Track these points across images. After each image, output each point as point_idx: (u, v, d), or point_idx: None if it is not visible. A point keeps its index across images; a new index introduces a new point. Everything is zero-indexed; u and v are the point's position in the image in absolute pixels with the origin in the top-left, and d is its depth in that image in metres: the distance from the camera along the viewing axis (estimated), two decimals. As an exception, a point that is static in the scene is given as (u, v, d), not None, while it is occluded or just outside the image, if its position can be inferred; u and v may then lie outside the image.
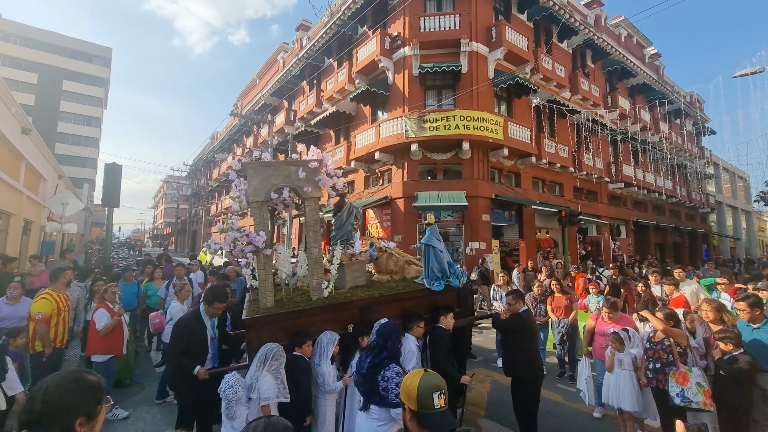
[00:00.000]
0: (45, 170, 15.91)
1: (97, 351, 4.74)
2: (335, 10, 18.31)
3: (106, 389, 1.41)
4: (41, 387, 1.28)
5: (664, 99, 22.81)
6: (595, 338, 4.92)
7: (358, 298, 4.01)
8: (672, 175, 24.08)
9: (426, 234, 4.48)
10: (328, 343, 3.63)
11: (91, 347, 4.79)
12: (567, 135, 17.28)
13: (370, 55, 15.01)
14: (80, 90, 44.55)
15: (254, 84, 31.34)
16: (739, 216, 37.43)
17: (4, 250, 10.48)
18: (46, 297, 4.86)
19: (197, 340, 3.91)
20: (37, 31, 43.27)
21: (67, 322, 5.06)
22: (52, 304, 4.82)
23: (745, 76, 10.04)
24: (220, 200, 36.58)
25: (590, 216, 17.31)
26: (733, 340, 3.52)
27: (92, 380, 1.35)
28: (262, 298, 3.84)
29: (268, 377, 3.16)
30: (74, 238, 25.88)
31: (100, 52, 47.17)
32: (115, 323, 4.78)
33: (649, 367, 4.01)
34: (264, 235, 3.82)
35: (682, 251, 26.74)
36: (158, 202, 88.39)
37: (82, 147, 43.16)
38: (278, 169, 3.96)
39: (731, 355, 3.50)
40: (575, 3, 19.55)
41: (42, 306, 4.76)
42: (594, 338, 4.95)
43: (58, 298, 4.94)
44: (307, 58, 19.55)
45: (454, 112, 13.28)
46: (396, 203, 14.13)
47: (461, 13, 13.96)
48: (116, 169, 8.58)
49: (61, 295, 5.03)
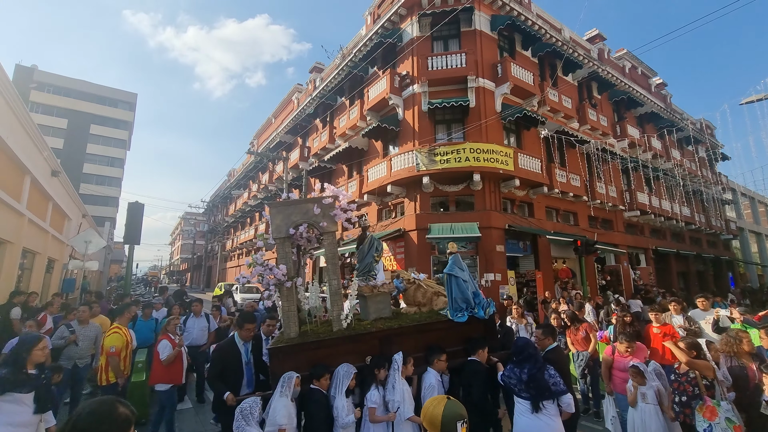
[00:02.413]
0: (70, 210, 16.57)
1: (159, 380, 5.02)
2: (347, 53, 19.29)
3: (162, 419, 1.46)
4: (76, 412, 1.34)
5: (673, 126, 22.86)
6: (614, 373, 4.71)
7: (377, 329, 4.00)
8: (688, 202, 23.67)
9: (449, 263, 4.36)
10: (344, 376, 3.62)
11: (154, 376, 5.10)
12: (578, 164, 17.34)
13: (380, 93, 15.61)
14: (106, 133, 46.99)
15: (270, 123, 32.62)
16: (764, 242, 36.16)
17: (27, 288, 10.77)
18: (117, 331, 5.21)
19: (232, 365, 4.15)
20: (69, 80, 46.39)
21: (131, 355, 5.42)
22: (123, 338, 5.20)
23: (752, 102, 10.09)
24: (236, 235, 37.14)
25: (607, 245, 17.00)
26: None
27: (123, 412, 1.39)
28: (286, 329, 4.02)
29: (280, 403, 3.27)
30: (93, 276, 26.38)
31: (126, 97, 50.06)
32: (176, 354, 5.06)
33: (675, 400, 3.83)
34: (284, 269, 4.02)
35: (707, 279, 25.74)
36: (175, 239, 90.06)
37: (105, 186, 44.95)
38: (297, 207, 4.25)
39: None
40: (578, 38, 20.21)
41: (115, 340, 5.11)
42: (613, 373, 4.75)
43: (125, 333, 5.32)
44: (320, 97, 20.41)
45: (464, 144, 13.55)
46: (409, 235, 14.17)
47: (467, 52, 14.56)
48: (138, 208, 8.92)
49: (127, 330, 5.44)
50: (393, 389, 3.60)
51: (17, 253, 9.86)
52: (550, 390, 3.33)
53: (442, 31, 15.62)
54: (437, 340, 4.08)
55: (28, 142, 10.12)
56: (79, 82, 46.99)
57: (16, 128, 9.00)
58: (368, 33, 17.42)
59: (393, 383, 3.63)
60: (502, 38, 16.38)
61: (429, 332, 4.15)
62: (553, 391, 3.34)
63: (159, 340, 5.18)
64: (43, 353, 3.65)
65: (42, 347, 3.61)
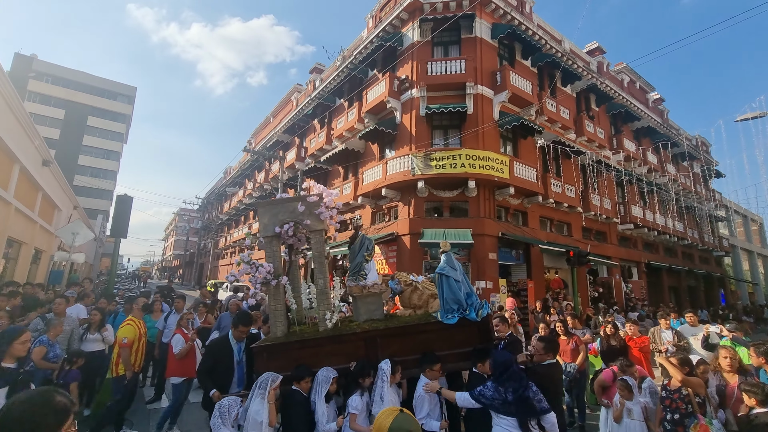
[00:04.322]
0: (61, 201, 16.36)
1: (173, 373, 5.11)
2: (347, 55, 19.29)
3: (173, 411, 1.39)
4: (11, 400, 1.29)
5: (669, 141, 23.01)
6: (611, 395, 4.57)
7: (362, 330, 3.90)
8: (682, 217, 23.79)
9: (441, 262, 4.18)
10: (324, 381, 3.53)
11: (169, 370, 5.20)
12: (573, 175, 17.38)
13: (379, 96, 15.59)
14: (103, 125, 46.72)
15: (268, 122, 32.54)
16: (756, 260, 36.41)
17: (12, 278, 10.58)
18: (131, 323, 5.22)
19: (223, 362, 4.13)
20: (68, 71, 46.14)
21: (143, 348, 5.41)
22: (136, 330, 5.19)
23: (746, 120, 10.14)
24: (229, 233, 36.91)
25: (599, 257, 17.00)
26: (758, 396, 3.21)
27: (60, 402, 1.32)
28: (273, 328, 4.04)
29: (257, 403, 3.23)
30: (82, 269, 26.08)
31: (125, 90, 49.86)
32: (189, 347, 5.10)
33: (666, 418, 3.74)
34: (270, 267, 4.04)
35: (698, 295, 25.83)
36: (169, 234, 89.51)
37: (100, 179, 44.63)
38: (284, 206, 4.23)
39: (754, 413, 3.19)
40: (577, 50, 20.33)
41: (127, 332, 5.09)
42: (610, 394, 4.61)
43: (139, 325, 5.33)
44: (319, 98, 20.38)
45: (460, 151, 13.53)
46: (402, 240, 14.10)
47: (467, 59, 14.58)
48: (127, 201, 8.79)
49: (141, 322, 5.45)
50: (381, 401, 3.43)
51: (1, 241, 9.69)
52: (536, 410, 3.21)
53: (442, 36, 15.65)
54: (426, 342, 3.89)
55: (19, 130, 9.99)
56: (78, 73, 46.75)
57: (6, 116, 8.87)
58: (369, 36, 17.43)
59: (381, 394, 3.48)
60: (502, 47, 16.43)
61: (417, 334, 3.97)
62: (538, 411, 3.21)
63: (173, 334, 5.29)
64: (23, 347, 3.54)
65: (23, 341, 3.51)
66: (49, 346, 4.69)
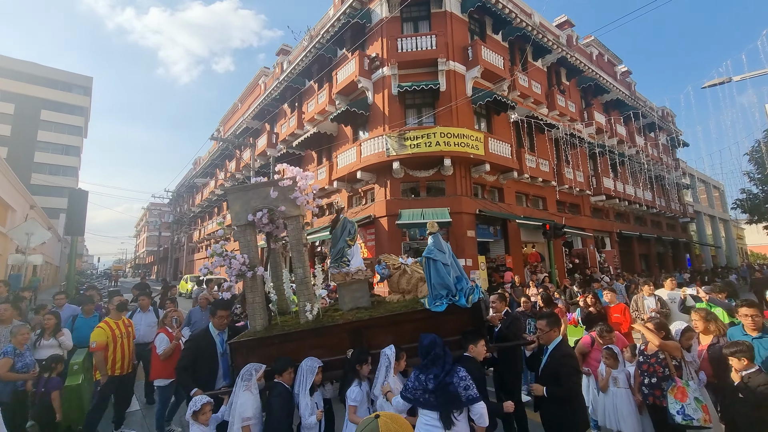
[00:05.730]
0: (14, 201, 15.30)
1: (159, 375, 4.86)
2: (314, 34, 18.53)
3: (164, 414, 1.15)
4: None
5: (637, 113, 23.50)
6: (590, 362, 4.51)
7: (345, 321, 3.70)
8: (650, 187, 24.56)
9: (428, 245, 3.81)
10: (308, 371, 3.35)
11: (153, 372, 4.95)
12: (547, 150, 17.51)
13: (349, 76, 15.09)
14: (59, 119, 43.85)
15: (236, 108, 31.31)
16: (718, 225, 38.30)
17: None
18: (101, 326, 4.93)
19: (206, 356, 3.90)
20: (16, 62, 42.82)
21: (127, 348, 5.02)
22: (107, 332, 4.86)
23: (714, 86, 10.31)
24: (203, 226, 35.82)
25: (574, 229, 17.36)
26: (746, 354, 3.08)
27: None
28: (252, 321, 3.88)
29: (243, 396, 3.13)
30: (45, 271, 24.77)
31: (80, 81, 46.80)
32: (173, 347, 4.83)
33: (644, 382, 3.74)
34: (244, 258, 3.86)
35: (666, 261, 27.01)
36: (140, 231, 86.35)
37: (60, 177, 42.10)
38: (256, 192, 3.99)
39: (747, 373, 3.05)
40: (547, 24, 20.23)
41: (96, 335, 4.81)
42: (588, 359, 4.60)
43: (114, 326, 4.97)
44: (287, 81, 19.63)
45: (435, 129, 13.31)
46: (380, 222, 13.90)
47: (437, 34, 14.22)
48: (81, 195, 8.15)
49: (119, 323, 5.06)
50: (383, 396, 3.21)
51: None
52: (460, 399, 2.71)
53: (411, 11, 15.19)
54: (414, 332, 3.56)
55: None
56: (28, 64, 43.47)
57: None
58: (336, 13, 16.73)
59: (384, 383, 3.24)
60: (472, 21, 16.12)
61: (404, 323, 3.71)
62: (464, 400, 2.71)
63: (157, 334, 5.02)
64: None
65: None
66: (16, 356, 4.30)
